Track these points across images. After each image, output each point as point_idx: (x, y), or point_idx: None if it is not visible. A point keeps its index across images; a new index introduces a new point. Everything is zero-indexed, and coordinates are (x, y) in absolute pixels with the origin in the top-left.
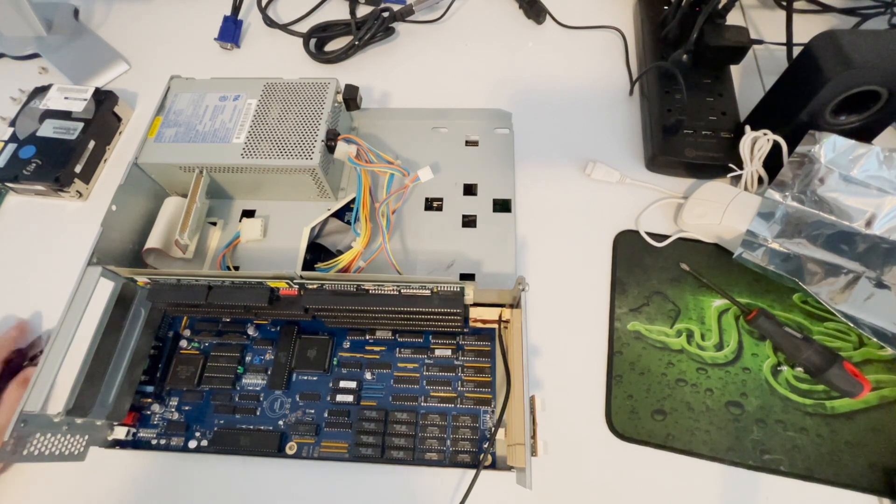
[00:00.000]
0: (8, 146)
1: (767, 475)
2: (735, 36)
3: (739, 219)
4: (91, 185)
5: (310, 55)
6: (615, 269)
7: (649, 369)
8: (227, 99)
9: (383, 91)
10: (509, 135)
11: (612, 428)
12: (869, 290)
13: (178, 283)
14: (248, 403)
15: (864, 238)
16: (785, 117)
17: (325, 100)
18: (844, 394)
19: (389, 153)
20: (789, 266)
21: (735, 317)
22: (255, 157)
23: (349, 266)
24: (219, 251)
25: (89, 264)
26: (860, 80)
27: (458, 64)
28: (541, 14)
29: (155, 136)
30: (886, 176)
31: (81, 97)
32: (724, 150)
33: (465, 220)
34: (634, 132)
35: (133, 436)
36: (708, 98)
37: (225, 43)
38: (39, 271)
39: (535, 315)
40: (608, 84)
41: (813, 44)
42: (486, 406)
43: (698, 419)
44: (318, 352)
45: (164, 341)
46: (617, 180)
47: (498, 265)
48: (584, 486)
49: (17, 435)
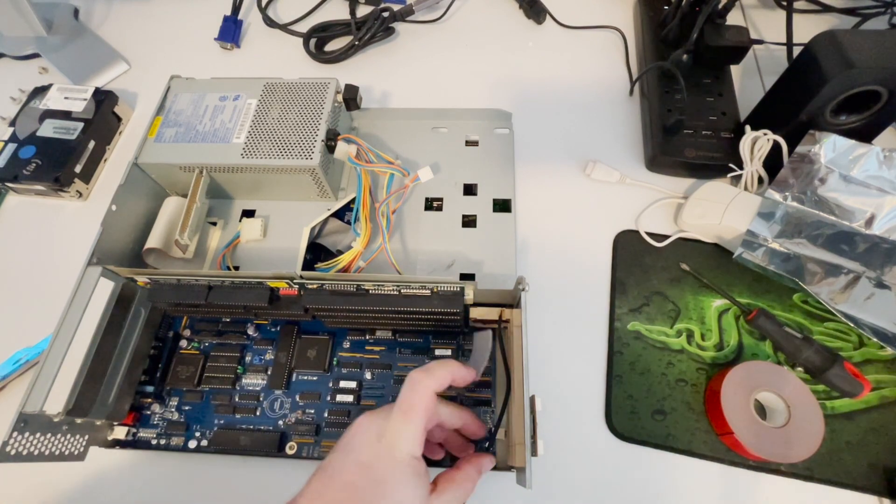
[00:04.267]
0: (8, 146)
1: (767, 475)
2: (735, 36)
3: (739, 219)
4: (91, 185)
5: (310, 55)
6: (615, 269)
7: (649, 369)
8: (227, 99)
9: (383, 91)
10: (509, 135)
11: (612, 428)
12: (869, 290)
13: (178, 283)
14: (248, 403)
15: (864, 238)
16: (785, 117)
17: (325, 100)
18: (844, 394)
19: (389, 153)
20: (789, 266)
21: (735, 317)
22: (255, 157)
23: (349, 266)
24: (219, 251)
25: (89, 264)
26: (860, 80)
27: (458, 64)
28: (541, 14)
29: (155, 136)
30: (886, 176)
31: (81, 97)
32: (724, 150)
33: (465, 220)
34: (634, 132)
35: (133, 436)
36: (708, 98)
37: (225, 43)
38: (39, 271)
39: (534, 315)
40: (608, 84)
41: (813, 44)
42: (487, 406)
43: (698, 419)
44: (318, 352)
45: (164, 341)
46: (617, 180)
47: (498, 265)
48: (584, 486)
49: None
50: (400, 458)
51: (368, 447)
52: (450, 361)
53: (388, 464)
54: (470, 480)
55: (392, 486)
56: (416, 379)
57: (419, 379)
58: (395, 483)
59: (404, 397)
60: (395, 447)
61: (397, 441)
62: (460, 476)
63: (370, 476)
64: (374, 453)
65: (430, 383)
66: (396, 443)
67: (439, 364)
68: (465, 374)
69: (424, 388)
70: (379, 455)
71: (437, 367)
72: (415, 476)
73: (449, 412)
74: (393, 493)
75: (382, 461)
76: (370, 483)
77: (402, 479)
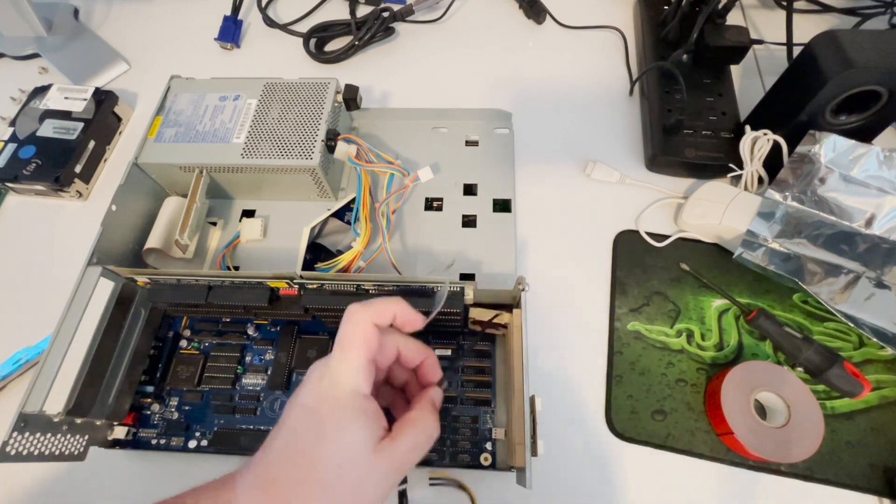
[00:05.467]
0: (8, 146)
1: (767, 475)
2: (735, 36)
3: (739, 219)
4: (91, 185)
5: (310, 55)
6: (615, 269)
7: (649, 369)
8: (227, 99)
9: (383, 91)
10: (509, 135)
11: (612, 428)
12: (869, 290)
13: (178, 283)
14: (248, 403)
15: (864, 238)
16: (785, 117)
17: (325, 100)
18: (845, 394)
19: (389, 153)
20: (789, 266)
21: (735, 317)
22: (255, 157)
23: (349, 266)
24: (219, 251)
25: (89, 264)
26: (860, 80)
27: (458, 64)
28: (541, 14)
29: (155, 136)
30: (886, 176)
31: (81, 97)
32: (724, 150)
33: (465, 220)
34: (634, 132)
35: (133, 436)
36: (708, 98)
37: (225, 43)
38: (39, 271)
39: (535, 315)
40: (608, 84)
41: (813, 44)
42: (486, 406)
43: (698, 419)
44: (318, 352)
45: (164, 341)
46: (617, 180)
47: (498, 265)
48: (584, 485)
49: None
50: (341, 396)
51: (311, 389)
52: (396, 299)
53: (329, 403)
54: (427, 419)
55: (334, 425)
56: (353, 310)
57: (355, 310)
58: (336, 422)
59: (341, 331)
60: (336, 384)
61: (336, 377)
62: (415, 414)
63: (311, 418)
64: (317, 394)
65: (367, 315)
66: (336, 379)
67: (382, 298)
68: (411, 317)
69: (361, 319)
70: (321, 395)
71: (379, 301)
72: (360, 414)
73: (409, 345)
74: (335, 433)
75: (325, 401)
76: (311, 425)
77: (344, 417)
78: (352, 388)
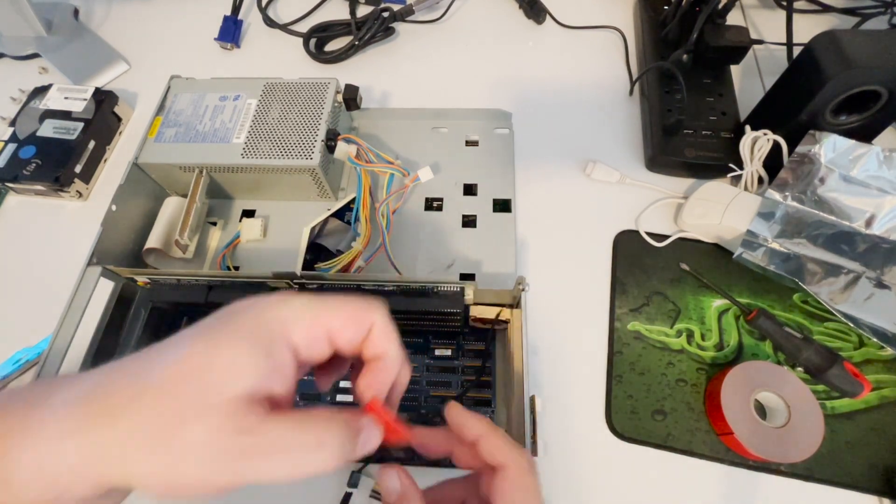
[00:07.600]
0: (8, 146)
1: (767, 475)
2: (735, 36)
3: (739, 219)
4: (91, 185)
5: (310, 55)
6: (615, 269)
7: (649, 369)
8: (227, 99)
9: (383, 91)
10: (509, 135)
11: (612, 428)
12: (869, 290)
13: (178, 283)
14: None
15: (864, 238)
16: (785, 117)
17: (325, 100)
18: (844, 394)
19: (389, 153)
20: (789, 266)
21: (735, 317)
22: (255, 157)
23: (349, 266)
24: (219, 251)
25: (89, 264)
26: (860, 80)
27: (458, 64)
28: (541, 14)
29: (155, 136)
30: (886, 176)
31: (81, 97)
32: (724, 150)
33: (465, 220)
34: (634, 132)
35: None
36: (708, 98)
37: (225, 43)
38: (39, 271)
39: (535, 315)
40: (608, 84)
41: (813, 44)
42: (487, 406)
43: (698, 419)
44: None
45: None
46: (617, 180)
47: (498, 265)
48: (584, 485)
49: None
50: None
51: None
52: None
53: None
54: (334, 432)
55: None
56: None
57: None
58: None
59: None
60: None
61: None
62: (326, 418)
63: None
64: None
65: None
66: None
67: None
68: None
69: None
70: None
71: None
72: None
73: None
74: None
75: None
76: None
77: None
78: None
